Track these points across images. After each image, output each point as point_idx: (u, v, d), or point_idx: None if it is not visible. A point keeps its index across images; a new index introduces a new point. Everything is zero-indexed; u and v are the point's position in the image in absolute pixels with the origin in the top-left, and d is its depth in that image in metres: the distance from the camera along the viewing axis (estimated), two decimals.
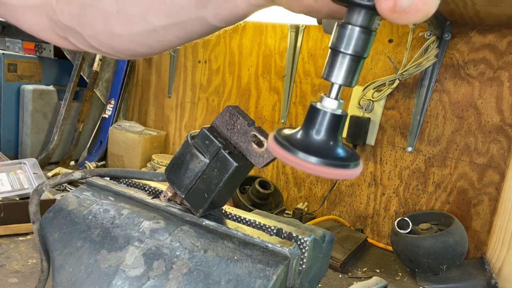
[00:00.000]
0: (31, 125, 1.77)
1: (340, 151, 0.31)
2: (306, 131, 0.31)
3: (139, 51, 0.37)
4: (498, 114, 1.26)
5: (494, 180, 1.28)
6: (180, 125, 1.98)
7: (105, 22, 0.34)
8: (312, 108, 0.32)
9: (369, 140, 1.46)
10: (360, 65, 0.30)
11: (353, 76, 0.31)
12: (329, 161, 0.29)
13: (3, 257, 1.04)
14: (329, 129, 0.31)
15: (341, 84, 0.31)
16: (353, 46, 0.29)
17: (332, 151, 0.31)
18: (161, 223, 0.49)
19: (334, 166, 0.29)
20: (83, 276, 0.46)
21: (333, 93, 0.32)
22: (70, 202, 0.53)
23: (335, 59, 0.30)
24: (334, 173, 0.30)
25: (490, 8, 1.05)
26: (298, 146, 0.30)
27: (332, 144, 0.31)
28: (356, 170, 0.31)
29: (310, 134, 0.31)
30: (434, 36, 1.27)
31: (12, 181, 1.23)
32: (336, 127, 0.32)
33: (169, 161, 0.51)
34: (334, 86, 0.31)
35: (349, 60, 0.30)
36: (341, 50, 0.30)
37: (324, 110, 0.31)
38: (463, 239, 1.19)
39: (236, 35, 1.74)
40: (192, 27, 0.33)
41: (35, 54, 1.81)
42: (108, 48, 0.36)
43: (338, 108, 0.32)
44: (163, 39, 0.34)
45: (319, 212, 1.60)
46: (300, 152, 0.29)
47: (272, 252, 0.45)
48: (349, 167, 0.30)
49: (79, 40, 0.37)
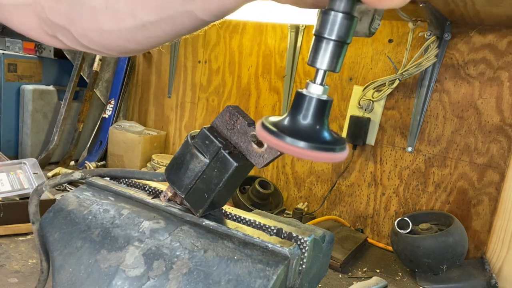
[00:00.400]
0: (31, 125, 1.77)
1: (326, 135, 0.32)
2: (293, 116, 0.32)
3: (128, 48, 0.37)
4: (498, 114, 1.26)
5: (494, 180, 1.28)
6: (180, 125, 1.98)
7: (94, 19, 0.34)
8: (299, 94, 0.33)
9: (369, 140, 1.46)
10: (344, 50, 0.31)
11: (337, 61, 0.31)
12: (316, 145, 0.30)
13: (3, 257, 1.04)
14: (316, 114, 0.32)
15: (326, 70, 0.32)
16: (337, 31, 0.30)
17: (319, 135, 0.32)
18: (161, 223, 0.49)
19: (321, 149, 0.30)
20: (83, 276, 0.46)
21: (318, 78, 0.32)
22: (70, 202, 0.53)
23: (319, 45, 0.31)
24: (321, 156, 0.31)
25: (490, 8, 1.05)
26: (285, 131, 0.31)
27: (319, 129, 0.32)
28: (342, 153, 0.32)
29: (297, 119, 0.32)
30: (434, 36, 1.27)
31: (12, 181, 1.23)
32: (322, 112, 0.33)
33: (169, 161, 0.51)
34: (319, 72, 0.32)
35: (333, 46, 0.31)
36: (325, 36, 0.30)
37: (310, 96, 0.32)
38: (463, 239, 1.19)
39: (236, 35, 1.74)
40: (181, 22, 0.33)
41: (35, 54, 1.81)
42: (98, 45, 0.36)
43: (324, 93, 0.33)
44: (152, 35, 0.34)
45: (319, 212, 1.60)
46: (288, 137, 0.30)
47: (272, 252, 0.45)
48: (335, 151, 0.31)
49: (68, 38, 0.37)
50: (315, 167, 1.60)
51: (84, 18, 0.35)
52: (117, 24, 0.34)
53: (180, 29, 0.34)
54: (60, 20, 0.36)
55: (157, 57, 2.00)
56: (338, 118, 1.53)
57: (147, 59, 2.03)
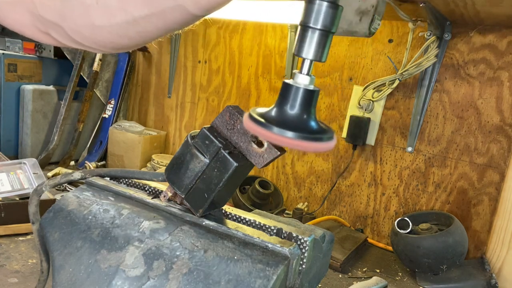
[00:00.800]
0: (31, 125, 1.77)
1: (313, 125, 0.32)
2: (280, 107, 0.33)
3: (120, 43, 0.37)
4: (498, 114, 1.26)
5: (494, 180, 1.28)
6: (180, 125, 1.98)
7: (86, 15, 0.34)
8: (285, 84, 0.33)
9: (369, 140, 1.46)
10: (329, 40, 0.31)
11: (323, 51, 0.32)
12: (304, 135, 0.30)
13: (3, 257, 1.04)
14: (303, 104, 0.32)
15: (312, 59, 0.32)
16: (322, 21, 0.30)
17: (306, 125, 0.32)
18: (161, 223, 0.49)
19: (308, 139, 0.30)
20: (83, 276, 0.46)
21: (305, 68, 0.33)
22: (70, 202, 0.53)
23: (305, 35, 0.31)
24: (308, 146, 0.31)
25: (490, 8, 1.05)
26: (273, 121, 0.31)
27: (306, 118, 0.32)
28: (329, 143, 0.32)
29: (284, 110, 0.32)
30: (434, 36, 1.27)
31: (12, 181, 1.23)
32: (309, 101, 0.33)
33: (169, 161, 0.51)
34: (305, 62, 0.32)
35: (319, 35, 0.31)
36: (310, 26, 0.30)
37: (297, 86, 0.32)
38: (463, 239, 1.19)
39: (236, 35, 1.74)
40: (172, 17, 0.33)
41: (35, 54, 1.81)
42: (90, 41, 0.37)
43: (310, 83, 0.33)
44: (143, 30, 0.35)
45: (319, 212, 1.60)
46: (275, 127, 0.30)
47: (272, 252, 0.45)
48: (323, 140, 0.31)
49: (61, 34, 0.37)
50: (315, 167, 1.60)
51: (76, 14, 0.35)
52: (108, 19, 0.34)
53: (172, 24, 0.34)
54: (52, 16, 0.36)
55: (157, 57, 2.00)
56: (338, 118, 1.53)
57: (147, 59, 2.03)
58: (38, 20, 0.37)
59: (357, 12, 0.75)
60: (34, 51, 1.82)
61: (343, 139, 1.51)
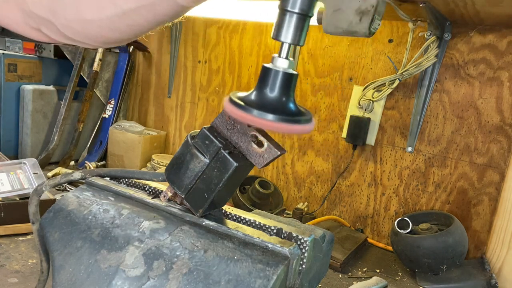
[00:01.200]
0: (31, 125, 1.77)
1: (292, 108, 0.33)
2: (260, 90, 0.33)
3: (111, 37, 0.37)
4: (498, 114, 1.26)
5: (494, 180, 1.28)
6: (180, 125, 1.98)
7: (76, 9, 0.35)
8: (265, 68, 0.33)
9: (369, 140, 1.46)
10: (306, 23, 0.32)
11: (300, 34, 0.32)
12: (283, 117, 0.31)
13: (3, 257, 1.04)
14: (282, 87, 0.33)
15: (290, 43, 0.32)
16: (299, 4, 0.30)
17: (285, 107, 0.32)
18: (161, 223, 0.49)
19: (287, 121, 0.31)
20: (83, 276, 0.46)
21: (284, 52, 0.33)
22: (70, 202, 0.53)
23: (283, 18, 0.31)
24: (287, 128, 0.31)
25: (490, 8, 1.05)
26: (253, 104, 0.31)
27: (285, 101, 0.33)
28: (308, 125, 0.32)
29: (264, 93, 0.33)
30: (434, 36, 1.27)
31: (12, 181, 1.23)
32: (288, 84, 0.33)
33: (169, 161, 0.51)
34: (284, 46, 0.32)
35: (296, 19, 0.31)
36: (288, 9, 0.31)
37: (276, 69, 0.32)
38: (463, 239, 1.19)
39: (236, 35, 1.74)
40: (161, 8, 0.33)
41: (35, 54, 1.81)
42: (81, 36, 0.37)
43: (289, 67, 0.33)
44: (133, 23, 0.35)
45: (319, 212, 1.60)
46: (255, 110, 0.31)
47: (272, 252, 0.45)
48: (301, 122, 0.32)
49: (52, 30, 0.37)
50: (315, 167, 1.60)
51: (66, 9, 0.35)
52: (98, 13, 0.34)
53: (161, 16, 0.34)
54: (43, 12, 0.36)
55: (157, 57, 2.00)
56: (338, 118, 1.53)
57: (147, 59, 2.04)
58: (29, 17, 0.37)
59: (357, 12, 0.75)
60: (34, 51, 1.82)
61: (343, 139, 1.51)
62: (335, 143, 1.55)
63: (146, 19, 0.34)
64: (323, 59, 1.55)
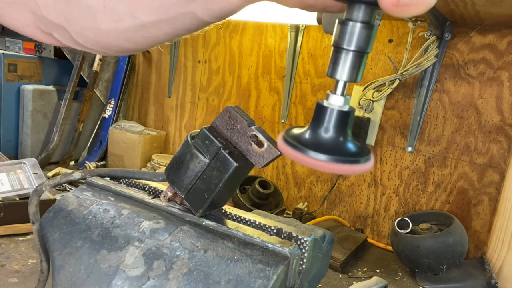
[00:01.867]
0: (31, 125, 1.77)
1: (350, 147, 0.32)
2: (315, 129, 0.31)
3: (126, 47, 0.36)
4: (498, 114, 1.26)
5: (494, 180, 1.28)
6: (180, 125, 1.98)
7: (92, 19, 0.33)
8: (319, 106, 0.32)
9: (369, 140, 1.46)
10: (364, 60, 0.30)
11: (357, 72, 0.31)
12: (340, 158, 0.30)
13: (3, 257, 1.04)
14: (338, 126, 0.32)
15: (346, 81, 0.31)
16: (356, 42, 0.29)
17: (342, 147, 0.31)
18: (161, 223, 0.49)
19: (344, 162, 0.30)
20: (83, 276, 0.46)
21: (339, 90, 0.32)
22: (70, 202, 0.53)
23: (339, 56, 0.30)
24: (345, 169, 0.30)
25: (490, 8, 1.05)
26: (308, 145, 0.30)
27: (342, 141, 0.31)
28: (367, 164, 0.31)
29: (319, 132, 0.31)
30: (434, 36, 1.27)
31: (12, 181, 1.23)
32: (345, 123, 0.32)
33: (169, 161, 0.51)
34: (339, 83, 0.31)
35: (353, 56, 0.30)
36: (344, 47, 0.30)
37: (331, 108, 0.31)
38: (463, 239, 1.19)
39: (236, 35, 1.74)
40: (182, 23, 0.32)
41: (35, 54, 1.81)
42: (94, 44, 0.36)
43: (345, 104, 0.32)
44: (151, 35, 0.34)
45: (319, 212, 1.60)
46: (311, 151, 0.29)
47: (272, 252, 0.45)
48: (360, 162, 0.31)
49: (64, 36, 0.36)
50: None
51: (82, 18, 0.34)
52: (115, 24, 0.33)
53: (180, 30, 0.33)
54: (56, 18, 0.35)
55: (157, 57, 2.00)
56: None
57: (147, 59, 2.04)
58: (40, 21, 0.36)
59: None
60: (34, 51, 1.82)
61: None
62: None
63: (164, 32, 0.33)
64: (323, 59, 1.55)
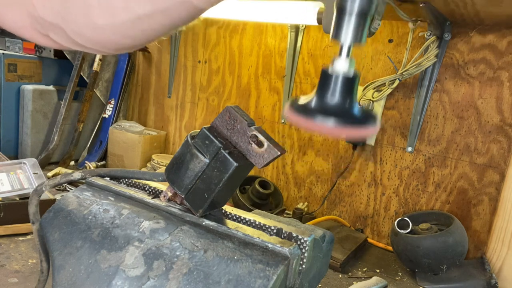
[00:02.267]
0: (31, 125, 1.77)
1: (356, 111, 0.32)
2: (321, 96, 0.31)
3: (124, 43, 0.36)
4: (498, 114, 1.26)
5: (494, 180, 1.27)
6: (180, 125, 1.98)
7: (88, 15, 0.33)
8: (324, 73, 0.32)
9: (369, 140, 1.46)
10: (367, 21, 0.30)
11: (362, 33, 0.31)
12: (347, 121, 0.30)
13: (3, 257, 1.04)
14: (343, 91, 0.31)
15: (350, 43, 0.31)
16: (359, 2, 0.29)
17: (349, 112, 0.31)
18: (161, 223, 0.49)
19: (351, 125, 0.30)
20: (83, 276, 0.46)
21: (344, 53, 0.32)
22: (70, 202, 0.53)
23: (342, 18, 0.30)
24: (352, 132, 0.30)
25: (490, 8, 1.05)
26: (315, 111, 0.30)
27: (348, 106, 0.31)
28: (374, 127, 0.31)
29: (325, 98, 0.31)
30: (434, 36, 1.27)
31: (12, 181, 1.23)
32: (350, 88, 0.32)
33: (169, 161, 0.51)
34: (344, 46, 0.31)
35: (356, 18, 0.30)
36: (347, 8, 0.30)
37: (336, 75, 0.31)
38: (463, 239, 1.19)
39: (236, 35, 1.74)
40: (178, 13, 0.32)
41: (35, 54, 1.81)
42: (92, 42, 0.35)
43: (350, 67, 0.32)
44: (147, 28, 0.34)
45: (319, 212, 1.60)
46: (319, 115, 0.29)
47: (272, 252, 0.45)
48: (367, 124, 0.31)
49: (61, 36, 0.36)
50: (315, 167, 1.60)
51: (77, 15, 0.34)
52: (111, 18, 0.33)
53: (177, 20, 0.33)
54: (52, 18, 0.35)
55: (157, 57, 2.00)
56: None
57: (147, 59, 2.03)
58: (37, 22, 0.36)
59: None
60: (34, 51, 1.82)
61: (343, 139, 1.51)
62: (335, 143, 1.55)
63: (161, 23, 0.33)
64: (323, 59, 1.55)
